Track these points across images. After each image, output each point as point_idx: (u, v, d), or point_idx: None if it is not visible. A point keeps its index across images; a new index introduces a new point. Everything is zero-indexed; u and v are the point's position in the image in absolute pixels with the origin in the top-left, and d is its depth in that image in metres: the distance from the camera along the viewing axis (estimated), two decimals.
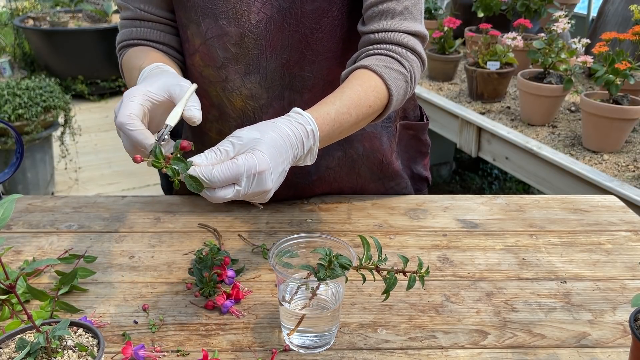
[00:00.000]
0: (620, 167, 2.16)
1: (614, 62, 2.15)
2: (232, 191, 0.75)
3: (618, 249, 1.05)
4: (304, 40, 1.00)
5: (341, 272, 0.74)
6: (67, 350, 0.64)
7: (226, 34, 0.99)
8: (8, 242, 1.03)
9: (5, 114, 3.03)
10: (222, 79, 1.04)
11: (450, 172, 3.99)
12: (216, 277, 0.89)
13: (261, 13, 0.98)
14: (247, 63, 1.01)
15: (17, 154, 1.06)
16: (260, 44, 1.00)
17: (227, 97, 1.05)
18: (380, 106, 0.95)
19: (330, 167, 1.16)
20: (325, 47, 1.02)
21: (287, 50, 1.01)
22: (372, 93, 0.93)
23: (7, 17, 5.76)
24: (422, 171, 1.28)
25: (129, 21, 1.06)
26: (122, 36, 1.06)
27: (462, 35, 3.28)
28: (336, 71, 1.04)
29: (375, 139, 1.16)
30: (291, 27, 0.99)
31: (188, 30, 1.02)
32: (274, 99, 1.05)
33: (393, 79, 0.95)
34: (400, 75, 0.97)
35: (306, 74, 1.04)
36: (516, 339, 0.82)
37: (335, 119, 0.88)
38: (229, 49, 1.00)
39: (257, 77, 1.03)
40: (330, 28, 1.01)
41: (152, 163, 0.74)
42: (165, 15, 1.06)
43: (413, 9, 0.99)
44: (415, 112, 1.25)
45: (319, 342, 0.79)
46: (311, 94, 0.96)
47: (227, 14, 0.98)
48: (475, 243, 1.06)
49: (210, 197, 0.75)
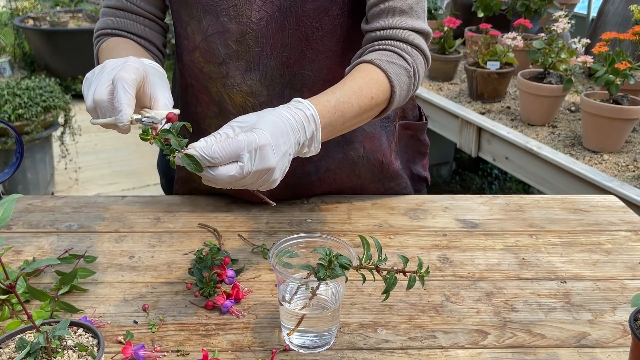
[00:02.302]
0: (620, 167, 2.16)
1: (614, 62, 2.15)
2: (236, 167, 0.74)
3: (618, 249, 1.05)
4: (304, 38, 1.01)
5: (341, 272, 0.74)
6: (67, 350, 0.64)
7: (227, 31, 0.99)
8: (8, 242, 1.03)
9: (5, 114, 3.03)
10: (223, 75, 1.04)
11: (450, 172, 3.99)
12: (216, 277, 0.89)
13: (262, 11, 0.98)
14: (247, 60, 1.02)
15: (17, 154, 1.06)
16: (261, 41, 1.00)
17: (228, 93, 1.05)
18: (383, 99, 0.95)
19: (330, 169, 1.16)
20: (325, 46, 1.02)
21: (288, 48, 1.01)
22: (374, 85, 0.93)
23: (7, 17, 5.76)
24: (421, 171, 1.28)
25: (112, 10, 1.05)
26: (102, 24, 1.05)
27: (462, 35, 3.28)
28: (336, 71, 1.04)
29: (375, 139, 1.16)
30: (292, 25, 0.99)
31: (188, 27, 1.03)
32: (274, 96, 1.05)
33: (396, 73, 0.95)
34: (403, 70, 0.97)
35: (306, 73, 1.04)
36: (516, 339, 0.82)
37: (336, 107, 0.88)
38: (230, 46, 1.00)
39: (258, 74, 1.03)
40: (331, 27, 1.01)
41: (140, 136, 0.73)
42: (151, 10, 1.05)
43: (416, 6, 1.00)
44: (414, 111, 1.25)
45: (319, 342, 0.79)
46: (311, 93, 0.96)
47: (228, 11, 0.98)
48: (475, 243, 1.06)
49: (214, 176, 0.74)
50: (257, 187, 0.80)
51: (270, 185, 0.80)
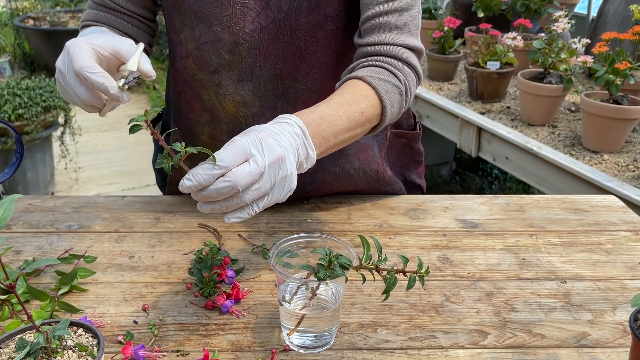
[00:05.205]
0: (620, 167, 2.16)
1: (614, 62, 2.15)
2: (250, 163, 0.73)
3: (618, 249, 1.05)
4: (298, 52, 1.00)
5: (341, 272, 0.74)
6: (67, 350, 0.64)
7: (220, 40, 0.99)
8: (8, 242, 1.03)
9: (5, 114, 3.03)
10: (215, 84, 1.03)
11: (450, 172, 3.99)
12: (216, 277, 0.89)
13: (255, 22, 0.97)
14: (240, 70, 1.01)
15: (17, 154, 1.06)
16: (254, 52, 0.99)
17: (220, 102, 1.05)
18: (373, 115, 0.94)
19: (326, 182, 1.16)
20: (319, 60, 1.02)
21: (281, 61, 1.01)
22: (363, 101, 0.92)
23: (7, 17, 5.76)
24: (415, 179, 1.27)
25: (95, 4, 1.05)
26: (86, 15, 1.05)
27: (462, 35, 3.28)
28: (330, 84, 1.03)
29: (368, 149, 1.15)
30: (285, 38, 0.99)
31: (182, 33, 1.02)
32: (266, 107, 1.04)
33: (386, 90, 0.94)
34: (394, 87, 0.96)
35: (300, 87, 1.03)
36: (516, 339, 0.82)
37: (321, 117, 0.86)
38: (223, 55, 1.00)
39: (250, 85, 1.02)
40: (325, 42, 1.00)
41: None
42: (134, 10, 1.05)
43: (410, 23, 0.99)
44: (409, 120, 1.23)
45: (319, 342, 0.79)
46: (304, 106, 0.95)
47: (221, 21, 0.97)
48: (475, 243, 1.06)
49: (233, 180, 0.72)
50: (281, 193, 0.78)
51: (292, 187, 0.79)
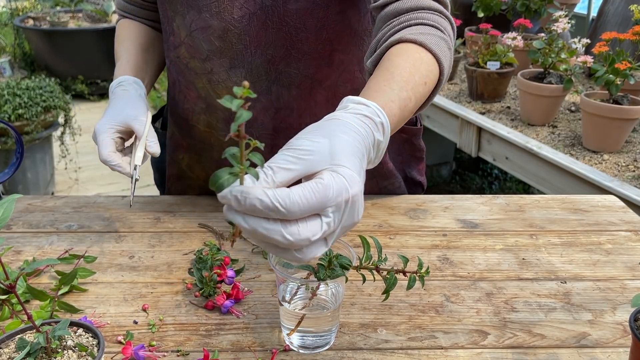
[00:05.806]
0: (620, 167, 2.16)
1: (614, 62, 2.15)
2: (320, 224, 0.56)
3: (618, 249, 1.05)
4: (288, 38, 0.99)
5: (341, 272, 0.74)
6: (67, 350, 0.64)
7: (209, 27, 0.99)
8: (8, 242, 1.03)
9: (5, 114, 3.03)
10: (208, 71, 1.03)
11: (450, 172, 3.99)
12: (216, 277, 0.89)
13: (244, 8, 0.97)
14: (231, 57, 1.01)
15: (17, 154, 1.06)
16: (244, 39, 0.99)
17: (214, 89, 1.05)
18: (433, 81, 0.83)
19: None
20: (310, 47, 1.01)
21: (272, 46, 1.00)
22: (422, 66, 0.80)
23: (7, 17, 5.76)
24: (416, 175, 1.26)
25: None
26: (117, 5, 1.21)
27: (462, 35, 3.28)
28: (324, 71, 1.03)
29: None
30: (274, 24, 0.98)
31: (174, 22, 1.03)
32: (260, 93, 1.04)
33: (438, 45, 0.83)
34: (442, 41, 0.85)
35: (292, 71, 1.02)
36: (516, 339, 0.82)
37: (400, 107, 0.74)
38: (213, 42, 1.00)
39: (243, 72, 1.02)
40: (316, 29, 0.99)
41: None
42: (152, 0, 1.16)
43: None
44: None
45: (318, 342, 0.79)
46: (299, 90, 0.94)
47: (209, 7, 0.98)
48: (475, 243, 1.06)
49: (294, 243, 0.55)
50: None
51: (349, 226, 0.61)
